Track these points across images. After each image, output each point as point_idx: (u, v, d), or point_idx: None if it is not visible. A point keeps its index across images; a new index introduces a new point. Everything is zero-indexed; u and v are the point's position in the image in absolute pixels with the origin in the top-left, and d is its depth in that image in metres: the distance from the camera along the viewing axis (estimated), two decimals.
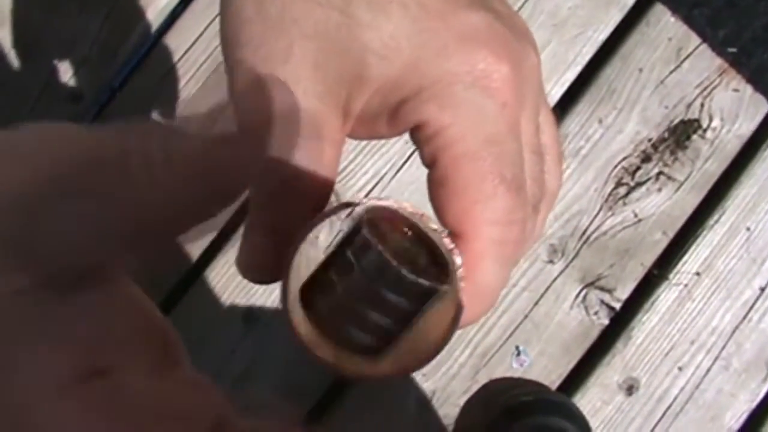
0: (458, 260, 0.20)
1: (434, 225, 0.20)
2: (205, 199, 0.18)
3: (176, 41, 0.73)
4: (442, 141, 0.21)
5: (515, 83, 0.21)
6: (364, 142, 0.72)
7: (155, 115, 0.73)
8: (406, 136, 0.23)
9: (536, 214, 0.24)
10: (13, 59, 0.73)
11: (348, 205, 0.20)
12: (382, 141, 0.72)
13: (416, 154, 0.67)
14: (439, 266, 0.21)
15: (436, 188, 0.21)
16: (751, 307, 0.72)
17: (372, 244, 0.20)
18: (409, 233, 0.22)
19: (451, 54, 0.21)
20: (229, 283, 0.72)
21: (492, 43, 0.21)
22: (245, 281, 0.68)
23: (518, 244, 0.22)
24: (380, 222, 0.22)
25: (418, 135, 0.22)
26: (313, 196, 0.22)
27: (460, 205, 0.21)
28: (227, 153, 0.19)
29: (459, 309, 0.20)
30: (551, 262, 0.72)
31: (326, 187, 0.22)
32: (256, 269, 0.23)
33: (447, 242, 0.20)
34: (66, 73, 0.73)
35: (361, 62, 0.21)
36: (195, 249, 0.73)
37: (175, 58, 0.73)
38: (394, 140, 0.72)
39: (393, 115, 0.22)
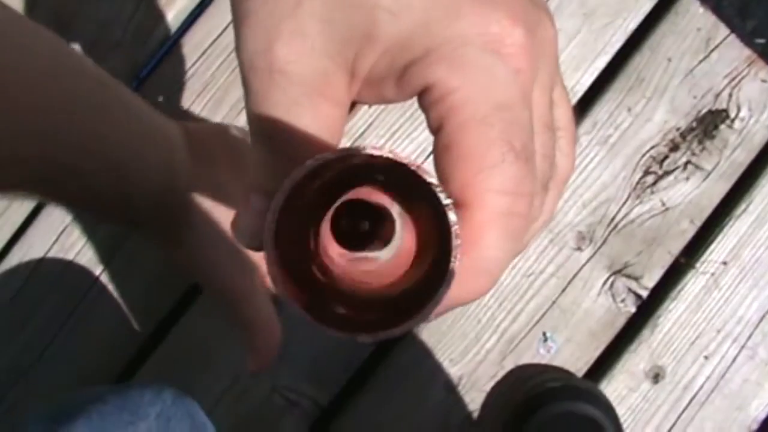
0: (453, 216, 0.18)
1: (429, 177, 0.18)
2: None
3: (208, 26, 0.74)
4: (449, 105, 0.20)
5: (530, 50, 0.20)
6: (394, 128, 0.72)
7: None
8: None
9: (545, 192, 0.23)
10: None
11: (342, 155, 0.19)
12: (414, 125, 0.73)
13: None
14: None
15: (441, 154, 0.20)
16: None
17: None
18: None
19: (464, 14, 0.20)
20: None
21: (508, 6, 0.20)
22: None
23: (525, 219, 0.21)
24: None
25: (425, 99, 0.21)
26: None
27: (466, 172, 0.20)
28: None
29: (450, 273, 0.18)
30: (579, 249, 0.73)
31: (329, 147, 0.21)
32: (255, 235, 0.22)
33: (443, 197, 0.18)
34: (99, 56, 0.73)
35: (370, 19, 0.20)
36: None
37: (207, 43, 0.73)
38: (423, 127, 0.72)
39: (401, 76, 0.21)
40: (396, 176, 0.20)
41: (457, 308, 0.21)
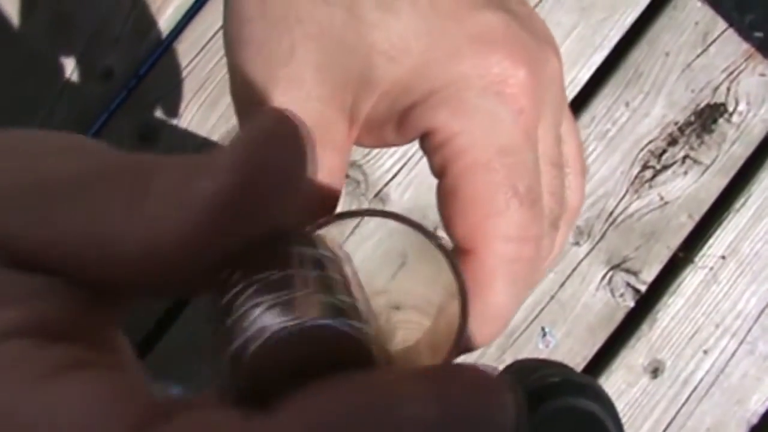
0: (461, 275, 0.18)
1: (428, 232, 0.18)
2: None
3: (206, 23, 0.74)
4: (452, 150, 0.20)
5: (533, 89, 0.20)
6: None
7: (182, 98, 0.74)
8: None
9: (555, 230, 0.22)
10: (45, 38, 0.73)
11: (341, 216, 0.18)
12: None
13: None
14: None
15: (445, 200, 0.20)
16: None
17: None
18: None
19: (464, 56, 0.19)
20: None
21: (508, 46, 0.20)
22: None
23: (532, 263, 0.20)
24: None
25: (427, 143, 0.20)
26: (317, 204, 0.20)
27: (471, 219, 0.20)
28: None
29: (462, 328, 0.18)
30: (577, 243, 0.73)
31: (331, 194, 0.21)
32: None
33: (441, 252, 0.18)
34: (98, 52, 0.73)
35: (367, 63, 0.20)
36: None
37: (205, 39, 0.73)
38: None
39: (401, 121, 0.20)
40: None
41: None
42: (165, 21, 0.74)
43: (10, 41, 0.73)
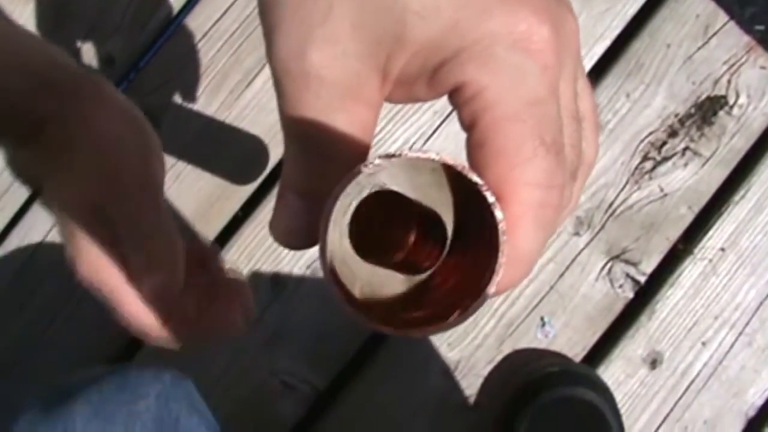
0: (500, 214, 0.19)
1: (476, 177, 0.19)
2: None
3: (208, 10, 0.74)
4: (481, 103, 0.21)
5: (556, 46, 0.21)
6: (394, 111, 0.73)
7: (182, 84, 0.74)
8: (436, 107, 0.22)
9: (573, 181, 0.23)
10: (45, 27, 0.73)
11: (387, 157, 0.19)
12: (413, 109, 0.73)
13: (445, 123, 0.68)
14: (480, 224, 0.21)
15: (474, 151, 0.21)
16: None
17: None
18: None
19: (492, 14, 0.20)
20: (257, 248, 0.72)
21: (533, 5, 0.21)
22: (274, 246, 0.68)
23: (557, 210, 0.21)
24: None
25: (457, 97, 0.21)
26: (349, 160, 0.21)
27: (500, 167, 0.20)
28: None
29: (498, 266, 0.19)
30: (577, 234, 0.73)
31: (363, 150, 0.22)
32: (292, 234, 0.23)
33: (489, 195, 0.19)
34: (98, 40, 0.73)
35: (401, 22, 0.21)
36: (223, 216, 0.74)
37: (207, 26, 0.73)
38: (425, 108, 0.72)
39: (432, 77, 0.21)
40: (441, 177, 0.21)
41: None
42: (166, 8, 0.74)
43: None
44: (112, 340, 0.74)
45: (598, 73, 0.74)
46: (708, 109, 0.73)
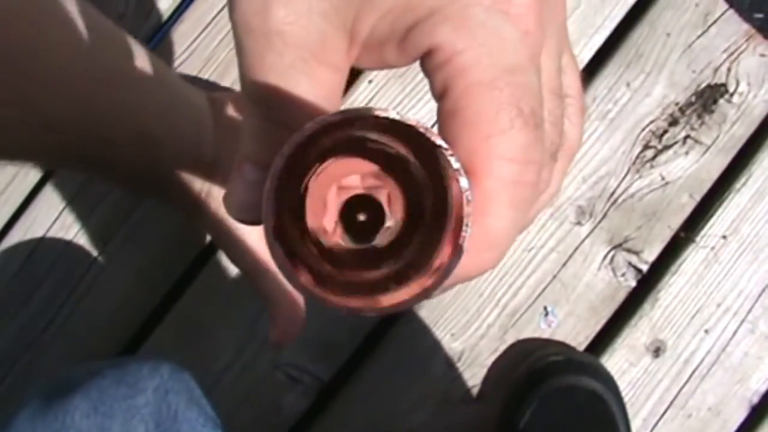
0: (465, 182, 0.17)
1: (440, 140, 0.17)
2: None
3: (208, 2, 0.74)
4: (455, 67, 0.19)
5: (538, 11, 0.19)
6: (397, 100, 0.73)
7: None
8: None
9: (553, 162, 0.22)
10: None
11: (345, 117, 0.17)
12: (411, 102, 0.73)
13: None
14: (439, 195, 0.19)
15: (446, 119, 0.19)
16: None
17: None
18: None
19: None
20: None
21: None
22: None
23: (533, 189, 0.20)
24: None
25: (429, 62, 0.19)
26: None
27: (473, 138, 0.19)
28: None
29: (462, 243, 0.17)
30: (579, 223, 0.73)
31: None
32: (247, 209, 0.21)
33: (453, 161, 0.17)
34: None
35: None
36: None
37: (209, 18, 0.74)
38: (427, 99, 0.72)
39: (403, 39, 0.20)
40: (401, 140, 0.19)
41: (458, 285, 0.20)
42: (167, 0, 0.74)
43: None
44: (115, 335, 0.74)
45: (597, 62, 0.74)
46: (708, 98, 0.74)
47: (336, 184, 0.22)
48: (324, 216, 0.23)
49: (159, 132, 0.48)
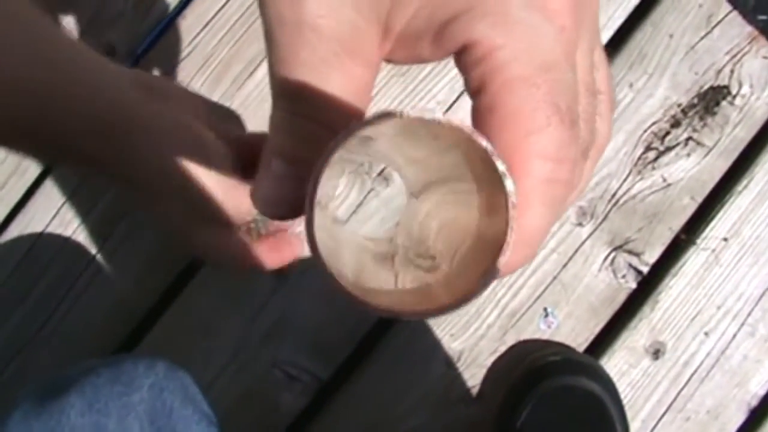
0: (510, 185, 0.17)
1: (485, 142, 0.17)
2: None
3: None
4: (492, 64, 0.19)
5: (575, 8, 0.19)
6: (410, 88, 0.72)
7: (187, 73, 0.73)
8: (452, 82, 0.20)
9: (584, 160, 0.22)
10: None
11: (385, 116, 0.17)
12: (413, 101, 0.72)
13: (460, 100, 0.67)
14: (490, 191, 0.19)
15: (482, 117, 0.19)
16: None
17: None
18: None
19: None
20: None
21: None
22: None
23: (567, 187, 0.20)
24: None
25: (466, 57, 0.19)
26: (341, 123, 0.19)
27: (509, 135, 0.19)
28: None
29: (507, 244, 0.17)
30: (580, 224, 0.73)
31: (358, 114, 0.20)
32: (275, 203, 0.21)
33: (499, 164, 0.17)
34: (100, 26, 0.73)
35: None
36: None
37: (209, 15, 0.73)
38: (440, 86, 0.72)
39: (439, 33, 0.19)
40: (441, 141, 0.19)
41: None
42: None
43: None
44: (112, 333, 0.73)
45: None
46: (711, 99, 0.73)
47: None
48: None
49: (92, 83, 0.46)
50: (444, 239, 0.22)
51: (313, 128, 0.20)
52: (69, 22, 0.73)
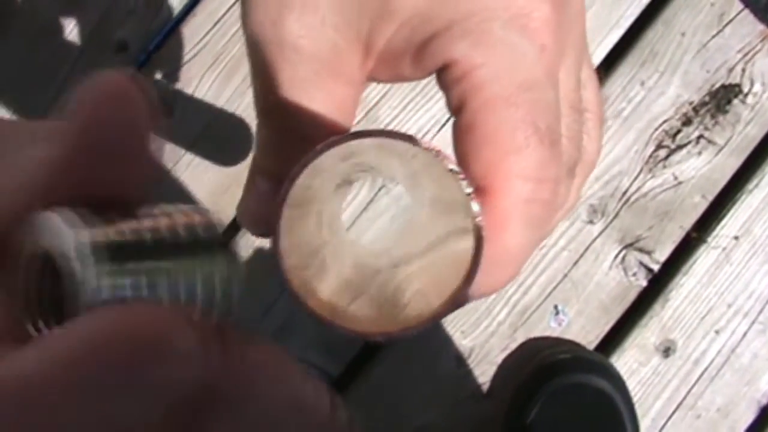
0: (476, 207, 0.17)
1: (452, 165, 0.17)
2: None
3: None
4: (472, 83, 0.19)
5: (556, 26, 0.19)
6: (408, 98, 0.72)
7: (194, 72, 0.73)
8: None
9: (571, 178, 0.22)
10: (59, 10, 0.73)
11: (356, 135, 0.17)
12: (426, 98, 0.72)
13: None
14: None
15: (461, 136, 0.19)
16: None
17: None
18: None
19: None
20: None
21: None
22: None
23: (549, 207, 0.20)
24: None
25: (446, 76, 0.19)
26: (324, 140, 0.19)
27: (488, 155, 0.19)
28: None
29: (475, 264, 0.17)
30: (591, 222, 0.73)
31: (341, 132, 0.20)
32: (259, 220, 0.21)
33: (465, 185, 0.17)
34: (112, 23, 0.73)
35: None
36: (234, 204, 0.73)
37: (221, 12, 0.73)
38: (438, 97, 0.72)
39: (419, 52, 0.19)
40: (410, 161, 0.19)
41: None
42: None
43: (23, 12, 0.73)
44: None
45: (612, 61, 0.74)
46: (722, 98, 0.73)
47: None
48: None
49: None
50: (419, 300, 0.21)
51: (295, 145, 0.20)
52: (81, 19, 0.73)
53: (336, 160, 0.18)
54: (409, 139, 0.17)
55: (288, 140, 0.20)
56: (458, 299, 0.17)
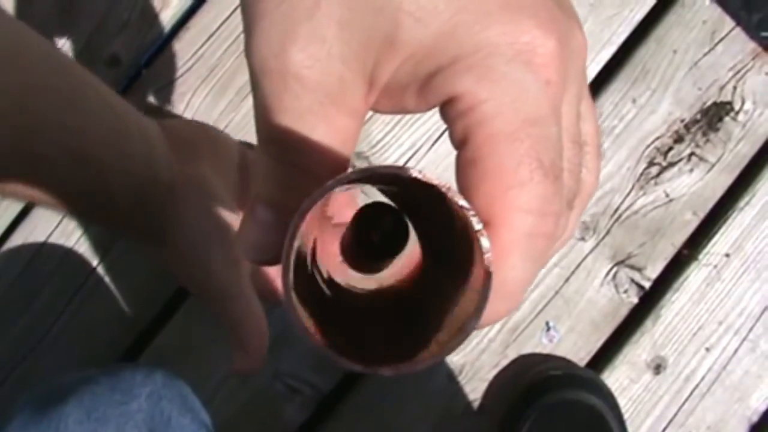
0: (486, 243, 0.17)
1: (461, 201, 0.17)
2: None
3: (215, 10, 0.74)
4: (476, 117, 0.19)
5: (561, 61, 0.19)
6: (400, 114, 0.72)
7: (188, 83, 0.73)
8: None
9: (569, 210, 0.22)
10: (52, 23, 0.73)
11: (367, 174, 0.17)
12: (418, 114, 0.72)
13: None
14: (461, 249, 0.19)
15: (465, 169, 0.19)
16: None
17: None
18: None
19: (494, 22, 0.19)
20: None
21: (539, 15, 0.19)
22: None
23: (550, 240, 0.20)
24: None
25: (450, 110, 0.19)
26: (326, 173, 0.20)
27: (492, 189, 0.19)
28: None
29: (483, 298, 0.17)
30: (583, 239, 0.73)
31: (342, 163, 0.20)
32: (259, 250, 0.21)
33: (475, 221, 0.17)
34: (105, 37, 0.73)
35: (393, 24, 0.19)
36: None
37: (215, 25, 0.73)
38: (430, 114, 0.72)
39: (423, 86, 0.20)
40: (420, 198, 0.19)
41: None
42: (173, 7, 0.73)
43: None
44: (114, 344, 0.73)
45: (604, 78, 0.74)
46: (714, 115, 0.73)
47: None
48: (334, 259, 0.23)
49: (107, 156, 0.46)
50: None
51: (297, 175, 0.20)
52: (73, 33, 0.73)
53: (342, 190, 0.18)
54: (419, 175, 0.17)
55: (289, 170, 0.20)
56: (466, 333, 0.17)
